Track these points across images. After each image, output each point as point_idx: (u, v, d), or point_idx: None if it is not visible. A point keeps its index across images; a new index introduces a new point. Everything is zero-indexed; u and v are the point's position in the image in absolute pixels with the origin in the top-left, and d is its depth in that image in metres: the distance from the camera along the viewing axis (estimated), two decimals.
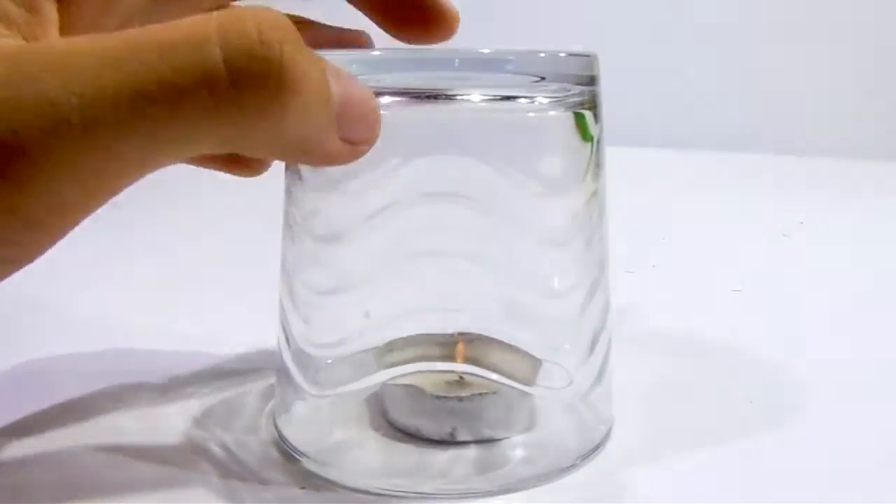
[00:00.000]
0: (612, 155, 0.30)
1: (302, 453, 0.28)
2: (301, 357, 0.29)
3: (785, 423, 0.31)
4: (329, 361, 0.30)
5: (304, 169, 0.28)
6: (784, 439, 0.30)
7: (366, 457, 0.29)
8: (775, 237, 0.59)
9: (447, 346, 0.32)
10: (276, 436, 0.30)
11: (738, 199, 0.73)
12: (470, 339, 0.32)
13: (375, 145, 0.24)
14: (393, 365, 0.29)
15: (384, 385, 0.30)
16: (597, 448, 0.29)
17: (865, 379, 0.35)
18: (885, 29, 0.97)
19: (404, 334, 0.29)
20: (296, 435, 0.29)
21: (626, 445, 0.29)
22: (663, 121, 0.99)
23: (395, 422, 0.30)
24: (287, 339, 0.30)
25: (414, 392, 0.29)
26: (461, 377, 0.31)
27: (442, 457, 0.28)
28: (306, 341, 0.29)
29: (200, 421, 0.31)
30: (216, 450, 0.29)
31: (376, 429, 0.30)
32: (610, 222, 0.30)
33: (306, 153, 0.21)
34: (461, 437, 0.29)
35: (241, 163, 0.31)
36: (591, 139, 0.28)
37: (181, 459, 0.28)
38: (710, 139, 0.97)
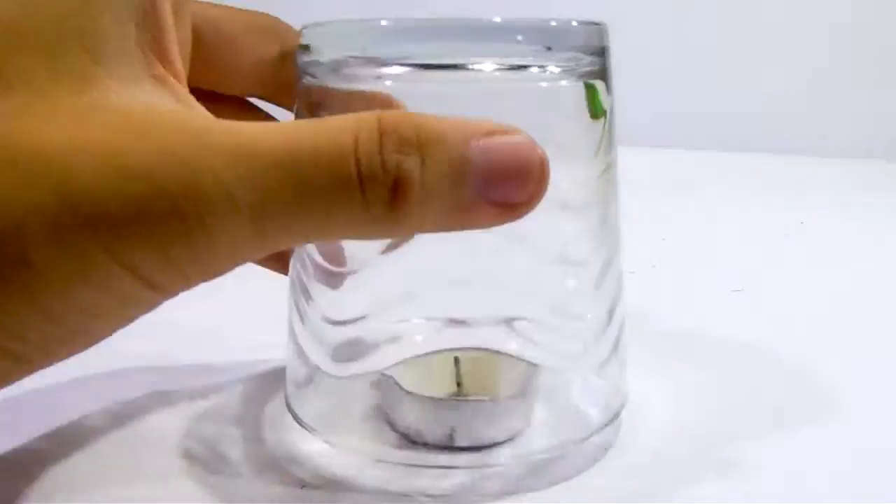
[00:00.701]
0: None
1: (313, 428, 0.28)
2: (315, 335, 0.29)
3: (785, 422, 0.31)
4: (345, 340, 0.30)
5: None
6: (784, 438, 0.30)
7: (366, 455, 0.29)
8: (775, 237, 0.59)
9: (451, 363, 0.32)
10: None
11: (738, 199, 0.73)
12: (469, 356, 0.32)
13: None
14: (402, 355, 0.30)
15: (385, 388, 0.30)
16: (614, 418, 0.29)
17: (866, 378, 0.35)
18: (886, 29, 0.97)
19: (422, 310, 0.30)
20: (308, 412, 0.29)
21: (627, 447, 0.29)
22: (664, 121, 0.98)
23: (396, 424, 0.30)
24: (301, 316, 0.30)
25: (414, 396, 0.29)
26: (459, 384, 0.31)
27: (441, 461, 0.28)
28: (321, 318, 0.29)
29: (201, 416, 0.31)
30: (215, 447, 0.29)
31: (377, 430, 0.30)
32: None
33: (446, 228, 0.22)
34: (460, 441, 0.29)
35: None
36: (604, 113, 0.28)
37: (178, 456, 0.28)
38: (710, 139, 0.97)
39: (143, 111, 0.20)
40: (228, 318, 0.42)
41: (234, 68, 0.30)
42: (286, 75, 0.30)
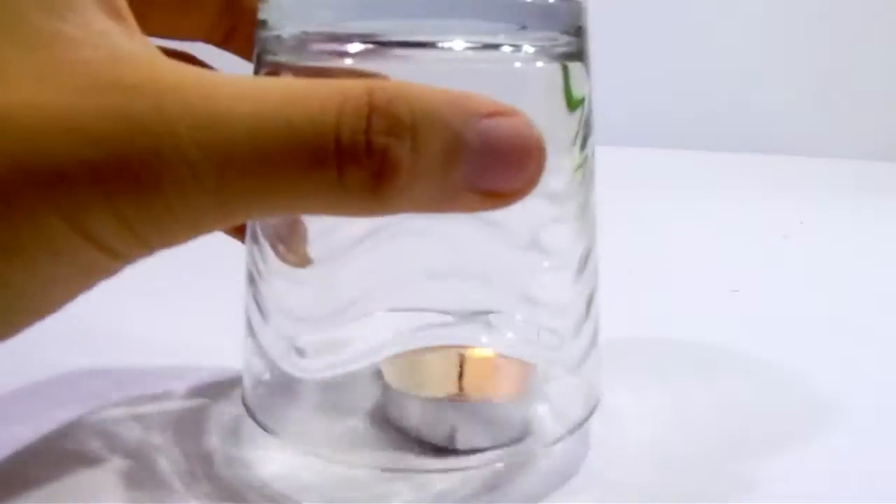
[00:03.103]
0: (613, 155, 0.30)
1: (275, 432, 0.27)
2: (280, 332, 0.28)
3: (783, 423, 0.31)
4: (314, 338, 0.29)
5: None
6: (782, 439, 0.30)
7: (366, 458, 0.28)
8: (775, 237, 0.59)
9: (444, 360, 0.32)
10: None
11: (738, 199, 0.73)
12: (464, 359, 0.31)
13: None
14: (389, 347, 0.28)
15: (385, 389, 0.30)
16: (589, 416, 0.28)
17: (864, 380, 0.35)
18: (886, 29, 0.97)
19: (393, 303, 0.28)
20: (270, 414, 0.28)
21: (623, 444, 0.29)
22: (663, 121, 0.98)
23: (396, 424, 0.30)
24: (261, 312, 0.28)
25: (414, 397, 0.29)
26: (460, 388, 0.31)
27: (441, 464, 0.28)
28: (287, 314, 0.28)
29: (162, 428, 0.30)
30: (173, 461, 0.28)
31: (379, 428, 0.29)
32: (609, 223, 0.30)
33: (429, 211, 0.20)
34: (460, 444, 0.29)
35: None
36: (580, 103, 0.27)
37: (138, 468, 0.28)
38: (711, 139, 0.96)
39: (103, 63, 0.19)
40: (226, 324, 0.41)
41: (177, 6, 0.28)
42: (237, 16, 0.29)
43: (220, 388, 0.33)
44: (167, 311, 0.43)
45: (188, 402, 0.32)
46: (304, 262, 0.28)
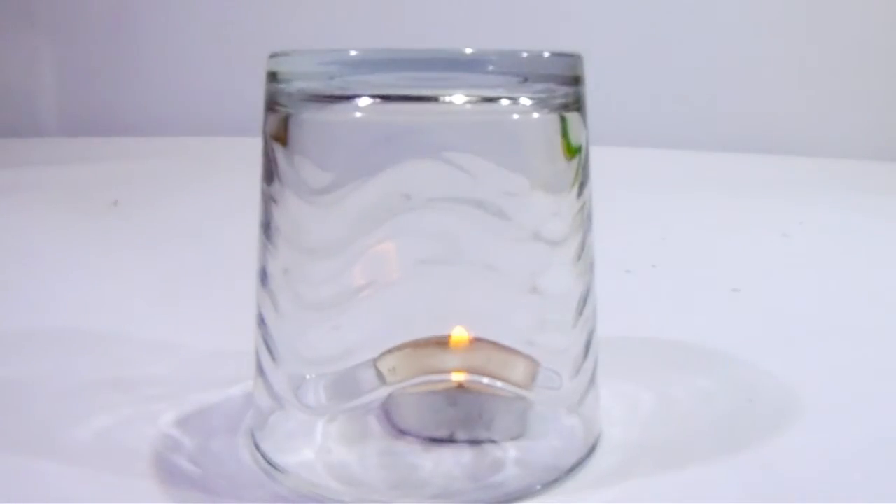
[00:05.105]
0: (612, 155, 0.30)
1: (284, 469, 0.27)
2: (289, 373, 0.28)
3: (783, 423, 0.31)
4: (321, 376, 0.29)
5: (286, 175, 0.27)
6: (782, 439, 0.30)
7: (366, 464, 0.28)
8: (775, 237, 0.59)
9: (445, 350, 0.32)
10: (255, 450, 0.28)
11: (738, 199, 0.73)
12: (469, 341, 0.32)
13: (356, 150, 0.23)
14: (395, 382, 0.29)
15: (383, 385, 0.30)
16: (589, 454, 0.29)
17: (864, 379, 0.35)
18: (885, 29, 0.97)
19: (398, 340, 0.29)
20: (279, 451, 0.28)
21: (623, 441, 0.29)
22: (662, 121, 0.99)
23: (396, 422, 0.30)
24: (271, 353, 0.28)
25: (415, 393, 0.29)
26: (461, 384, 0.31)
27: (438, 458, 0.28)
28: (295, 355, 0.28)
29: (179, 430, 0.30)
30: (191, 463, 0.28)
31: (377, 427, 0.29)
32: (610, 222, 0.30)
33: None
34: (460, 437, 0.29)
35: None
36: (577, 151, 0.28)
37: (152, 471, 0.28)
38: (710, 139, 0.97)
39: None
40: (227, 325, 0.41)
41: None
42: None
43: (226, 386, 0.33)
44: (171, 312, 0.44)
45: (194, 400, 0.32)
46: None
